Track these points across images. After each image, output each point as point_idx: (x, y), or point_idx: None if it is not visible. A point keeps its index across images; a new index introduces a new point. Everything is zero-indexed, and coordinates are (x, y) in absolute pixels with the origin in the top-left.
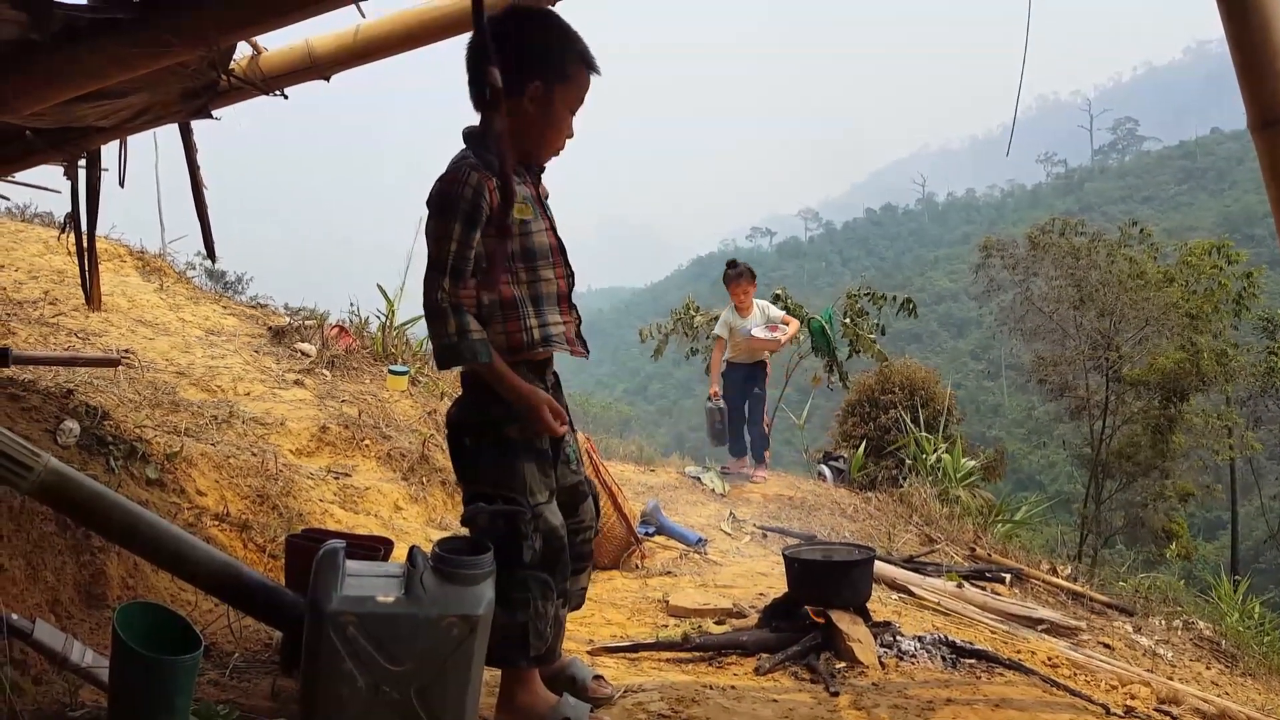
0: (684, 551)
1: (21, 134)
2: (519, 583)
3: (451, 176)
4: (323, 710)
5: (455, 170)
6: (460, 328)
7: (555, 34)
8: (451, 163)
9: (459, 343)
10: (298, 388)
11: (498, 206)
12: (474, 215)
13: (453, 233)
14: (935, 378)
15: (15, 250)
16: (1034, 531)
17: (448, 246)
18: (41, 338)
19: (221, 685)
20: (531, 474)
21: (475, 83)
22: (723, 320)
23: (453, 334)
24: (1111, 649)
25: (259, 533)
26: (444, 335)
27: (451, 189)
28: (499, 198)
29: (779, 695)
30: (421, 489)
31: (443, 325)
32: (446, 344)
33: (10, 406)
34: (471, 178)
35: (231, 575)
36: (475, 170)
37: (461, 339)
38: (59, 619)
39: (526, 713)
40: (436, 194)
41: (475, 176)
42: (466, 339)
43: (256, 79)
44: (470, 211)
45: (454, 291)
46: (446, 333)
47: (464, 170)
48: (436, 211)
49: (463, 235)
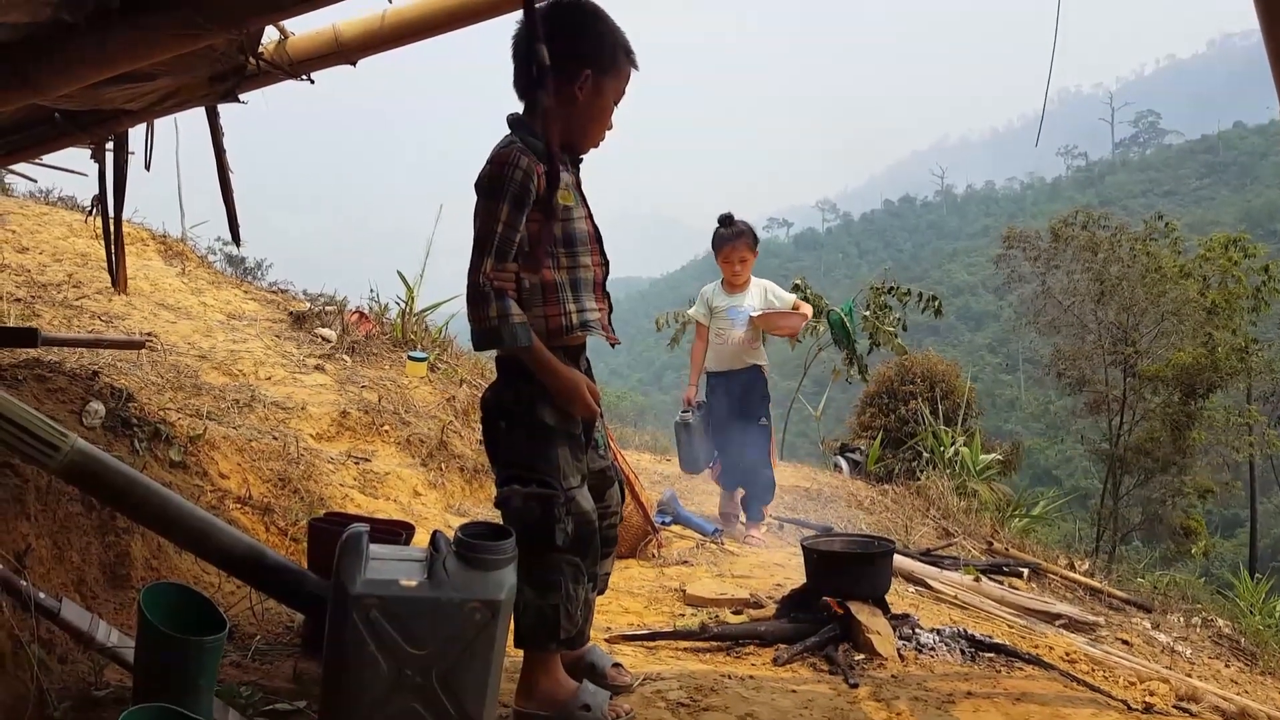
0: (700, 541)
1: (50, 116)
2: (551, 566)
3: (501, 159)
4: (345, 693)
5: (504, 153)
6: (502, 311)
7: (605, 25)
8: (499, 146)
9: (500, 326)
10: (318, 373)
11: (544, 189)
12: (522, 198)
13: (500, 214)
14: (956, 370)
15: (40, 233)
16: (1051, 527)
17: (494, 228)
18: (65, 320)
19: (243, 667)
20: (565, 458)
21: (522, 68)
22: (702, 299)
23: (494, 318)
24: (1130, 645)
25: (281, 516)
26: (485, 319)
27: (501, 171)
28: (545, 182)
29: (798, 686)
30: (440, 475)
31: (485, 308)
32: (488, 327)
33: (37, 387)
34: (521, 161)
35: (255, 558)
36: (524, 154)
37: (503, 323)
38: (84, 599)
39: (547, 699)
40: (486, 176)
41: (525, 160)
42: (508, 323)
43: (284, 63)
44: (519, 194)
45: (495, 274)
46: (488, 316)
47: (513, 154)
48: (485, 193)
49: (510, 218)
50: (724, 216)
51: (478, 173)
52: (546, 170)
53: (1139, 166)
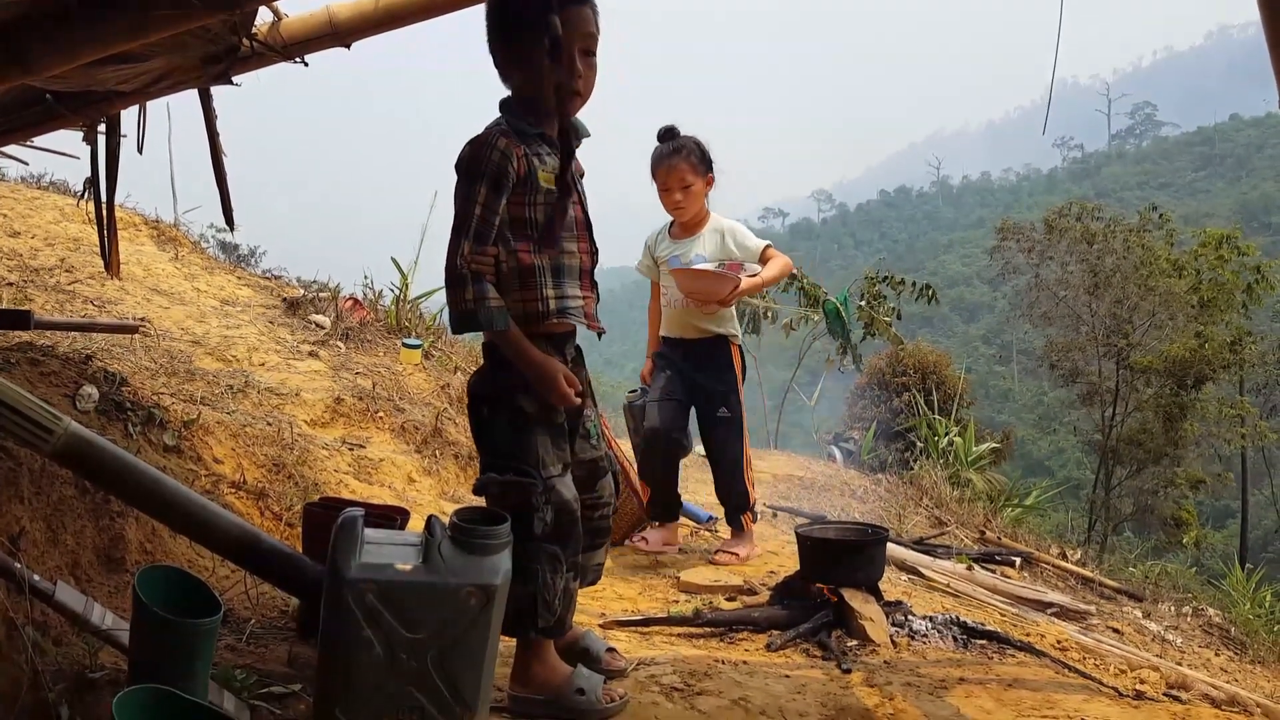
0: (695, 529)
1: (42, 97)
2: (529, 554)
3: (480, 140)
4: (340, 677)
5: (484, 135)
6: (478, 295)
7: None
8: (485, 129)
9: (476, 309)
10: (312, 359)
11: (524, 171)
12: (500, 180)
13: (478, 196)
14: (947, 361)
15: (31, 217)
16: (1043, 516)
17: (472, 210)
18: (58, 304)
19: (238, 650)
20: (544, 446)
21: (492, 48)
22: (645, 247)
23: (470, 300)
24: (1121, 634)
25: (275, 501)
26: (461, 301)
27: (479, 152)
28: (525, 165)
29: (791, 671)
30: (434, 462)
31: (461, 291)
32: (464, 310)
33: (30, 371)
34: (500, 142)
35: (250, 542)
36: (505, 135)
37: (479, 305)
38: (78, 582)
39: (541, 683)
40: (465, 157)
41: (504, 141)
42: (484, 305)
43: (277, 45)
44: (496, 176)
45: (474, 257)
46: (464, 299)
47: (493, 135)
48: (463, 175)
49: (487, 199)
50: (663, 130)
51: (457, 154)
52: (561, 148)
53: (1135, 158)
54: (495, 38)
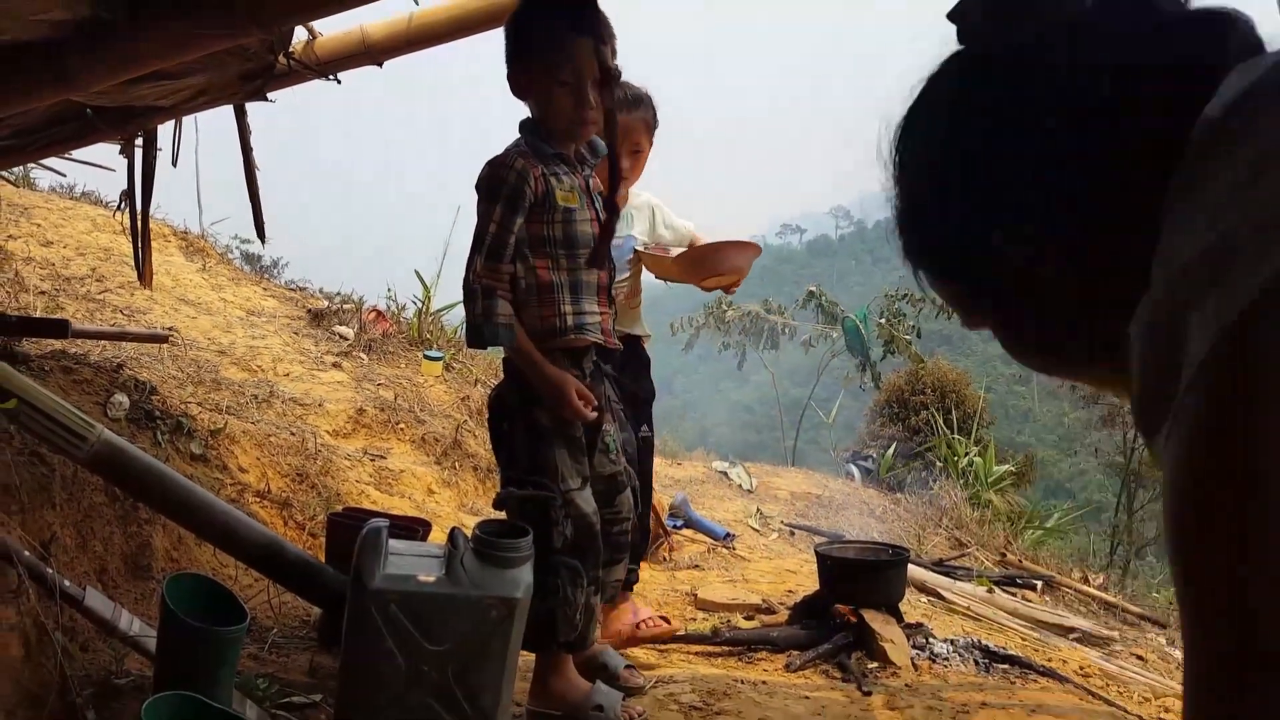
0: (712, 546)
1: (82, 112)
2: (548, 568)
3: (498, 161)
4: (361, 687)
5: (503, 155)
6: (487, 310)
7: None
8: (504, 150)
9: (483, 324)
10: (335, 370)
11: (541, 192)
12: (516, 200)
13: (494, 215)
14: (966, 380)
15: (64, 227)
16: (1064, 539)
17: (488, 228)
18: (89, 313)
19: (260, 659)
20: (562, 460)
21: (508, 72)
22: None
23: (479, 315)
24: (1144, 661)
25: (299, 510)
26: (471, 315)
27: (497, 173)
28: (543, 186)
29: (811, 693)
30: (454, 474)
31: (472, 305)
32: (473, 324)
33: (64, 378)
34: (517, 163)
35: (275, 551)
36: (522, 156)
37: (486, 321)
38: (106, 588)
39: (560, 698)
40: (484, 177)
41: (521, 162)
42: (490, 321)
43: (312, 63)
44: (512, 196)
45: (487, 273)
46: (474, 313)
47: (511, 156)
48: (482, 194)
49: (503, 218)
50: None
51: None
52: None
53: None
54: (511, 62)
